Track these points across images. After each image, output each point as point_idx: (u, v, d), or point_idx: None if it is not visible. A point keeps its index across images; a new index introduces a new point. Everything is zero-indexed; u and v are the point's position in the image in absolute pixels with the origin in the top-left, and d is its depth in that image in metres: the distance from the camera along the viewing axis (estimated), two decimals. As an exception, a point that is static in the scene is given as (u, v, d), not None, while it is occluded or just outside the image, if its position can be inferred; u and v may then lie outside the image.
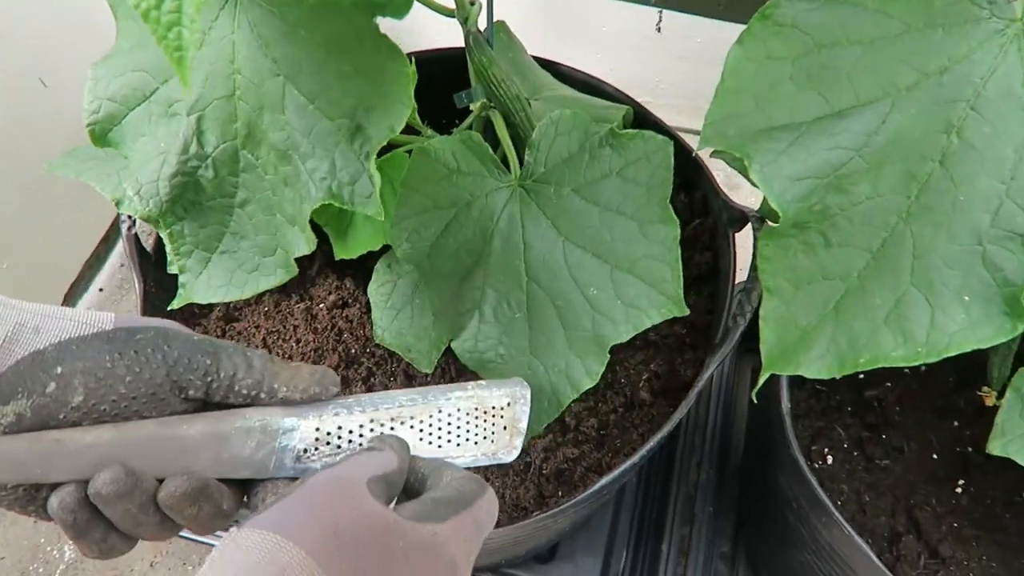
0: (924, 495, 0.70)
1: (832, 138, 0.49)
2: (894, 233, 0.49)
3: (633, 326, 0.59)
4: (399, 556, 0.35)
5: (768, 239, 0.52)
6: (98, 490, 0.37)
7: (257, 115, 0.55)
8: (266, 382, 0.41)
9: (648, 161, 0.60)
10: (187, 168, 0.56)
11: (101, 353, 0.38)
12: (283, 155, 0.55)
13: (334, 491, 0.36)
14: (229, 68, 0.54)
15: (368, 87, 0.52)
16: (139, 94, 0.57)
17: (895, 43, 0.47)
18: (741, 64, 0.51)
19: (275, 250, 0.57)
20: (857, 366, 0.49)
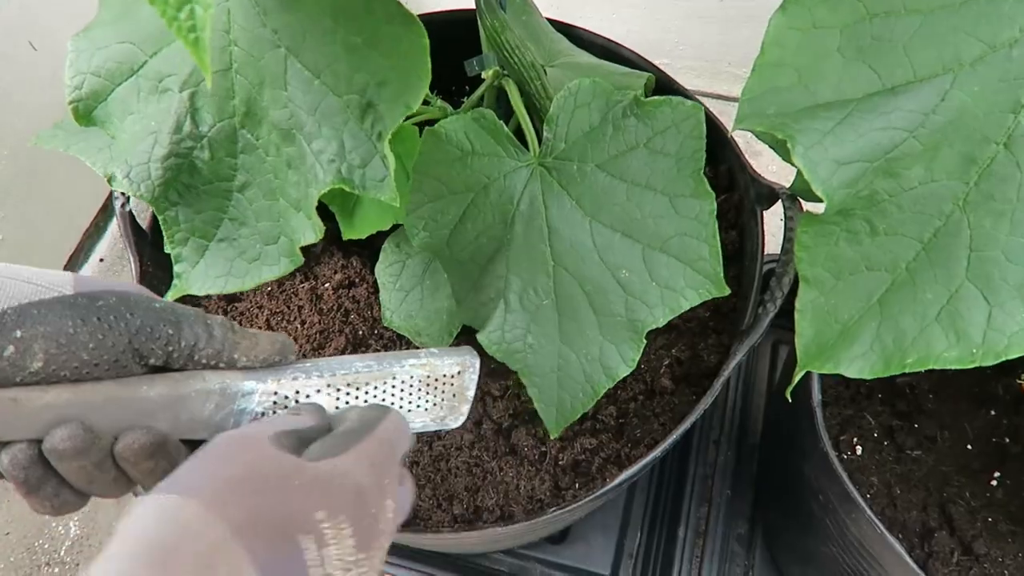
0: (958, 488, 0.67)
1: (884, 117, 0.44)
2: (949, 222, 0.45)
3: (670, 309, 0.56)
4: (298, 493, 0.36)
5: (807, 226, 0.48)
6: (54, 446, 0.37)
7: (257, 91, 0.50)
8: (226, 352, 0.42)
9: (677, 130, 0.56)
10: (181, 149, 0.52)
11: (63, 319, 0.37)
12: (286, 135, 0.51)
13: (234, 446, 0.37)
14: (225, 39, 0.49)
15: (380, 60, 0.47)
16: (126, 68, 0.53)
17: (959, 11, 0.42)
18: (784, 34, 0.46)
19: (278, 238, 0.53)
20: (904, 367, 0.46)
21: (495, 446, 0.68)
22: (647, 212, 0.56)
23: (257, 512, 0.35)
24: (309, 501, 0.36)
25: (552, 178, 0.58)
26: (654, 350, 0.70)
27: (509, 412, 0.68)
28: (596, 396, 0.58)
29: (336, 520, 0.37)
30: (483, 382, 0.70)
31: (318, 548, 0.36)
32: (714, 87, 1.25)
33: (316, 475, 0.37)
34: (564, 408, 0.59)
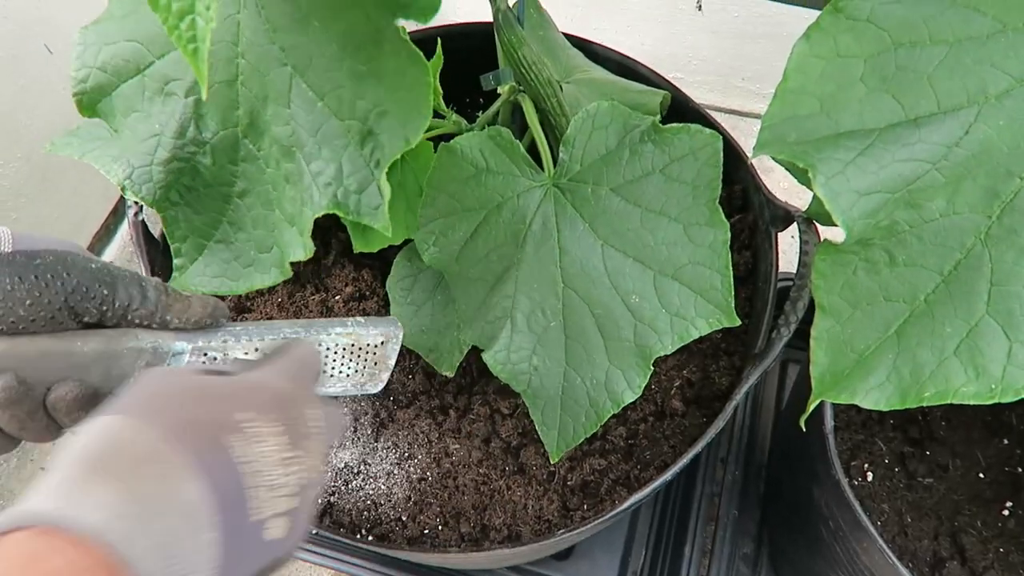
0: (969, 517, 0.67)
1: (907, 148, 0.44)
2: (970, 255, 0.44)
3: (679, 337, 0.55)
4: (219, 400, 0.39)
5: (825, 254, 0.48)
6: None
7: (261, 105, 0.50)
8: (159, 312, 0.44)
9: (695, 158, 0.56)
10: (184, 154, 0.52)
11: (1, 276, 0.39)
12: (286, 151, 0.51)
13: (162, 374, 0.41)
14: (232, 51, 0.49)
15: (384, 91, 0.47)
16: (132, 66, 0.53)
17: (987, 44, 0.42)
18: (807, 62, 0.46)
19: (271, 248, 0.54)
20: (922, 400, 0.45)
21: (503, 464, 0.67)
22: (660, 239, 0.55)
23: (184, 419, 0.37)
24: (230, 405, 0.39)
25: (566, 200, 0.58)
26: (665, 371, 0.70)
27: (518, 431, 0.68)
28: (600, 421, 0.58)
29: (264, 418, 0.40)
30: (492, 400, 0.69)
31: (245, 445, 0.38)
32: (727, 102, 1.24)
33: (235, 384, 0.41)
34: (566, 432, 0.59)
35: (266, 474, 0.39)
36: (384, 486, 0.67)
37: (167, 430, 0.36)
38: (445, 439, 0.68)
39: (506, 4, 0.65)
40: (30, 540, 0.30)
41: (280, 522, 0.40)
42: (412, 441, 0.68)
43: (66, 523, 0.31)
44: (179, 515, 0.35)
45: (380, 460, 0.68)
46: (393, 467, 0.68)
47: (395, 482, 0.67)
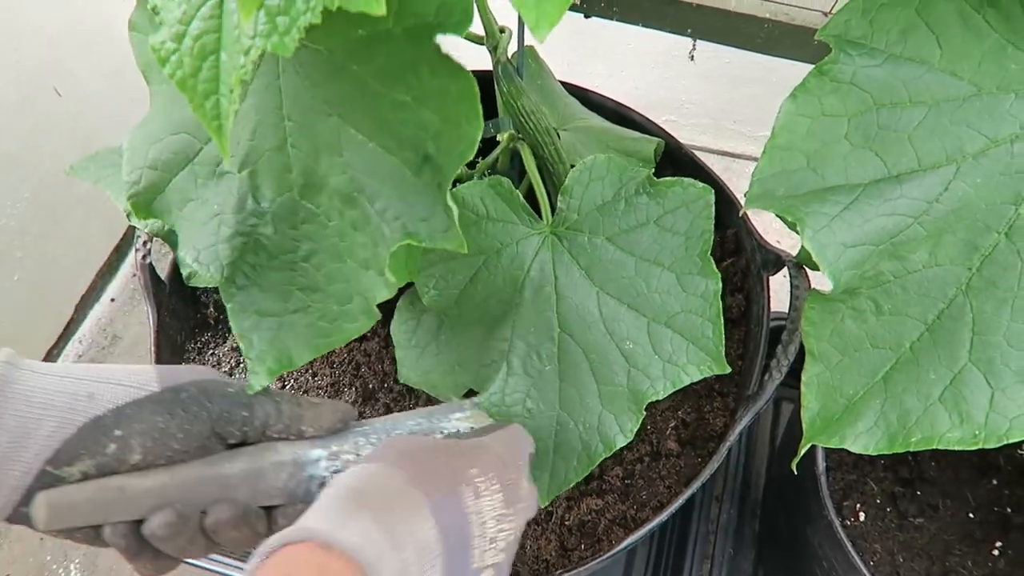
0: (960, 557, 0.68)
1: (890, 203, 0.46)
2: (952, 305, 0.46)
3: (671, 383, 0.57)
4: (455, 457, 0.46)
5: (814, 302, 0.50)
6: (153, 531, 0.42)
7: (313, 161, 0.51)
8: (294, 425, 0.47)
9: (687, 210, 0.58)
10: (245, 227, 0.52)
11: (154, 415, 0.43)
12: (347, 198, 0.51)
13: (401, 439, 0.48)
14: (277, 116, 0.50)
15: (430, 114, 0.47)
16: (181, 158, 0.53)
17: (963, 106, 0.44)
18: (794, 120, 0.48)
19: (352, 298, 0.52)
20: (909, 445, 0.47)
21: (501, 504, 0.68)
22: (654, 287, 0.57)
23: (427, 470, 0.44)
24: (464, 461, 0.46)
25: (563, 247, 0.60)
26: (660, 412, 0.71)
27: (516, 470, 0.69)
28: (591, 465, 0.59)
29: (486, 477, 0.46)
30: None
31: (474, 497, 0.44)
32: (719, 144, 1.27)
33: (468, 445, 0.48)
34: (557, 476, 0.59)
35: (487, 526, 0.45)
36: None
37: (414, 475, 0.43)
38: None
39: (505, 56, 0.68)
40: (314, 550, 0.37)
41: (488, 573, 0.45)
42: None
43: (339, 543, 0.37)
44: (415, 549, 0.40)
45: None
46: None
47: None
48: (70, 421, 0.41)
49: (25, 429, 0.40)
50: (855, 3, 0.46)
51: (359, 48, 0.48)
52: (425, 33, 0.46)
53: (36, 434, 0.40)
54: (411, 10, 0.45)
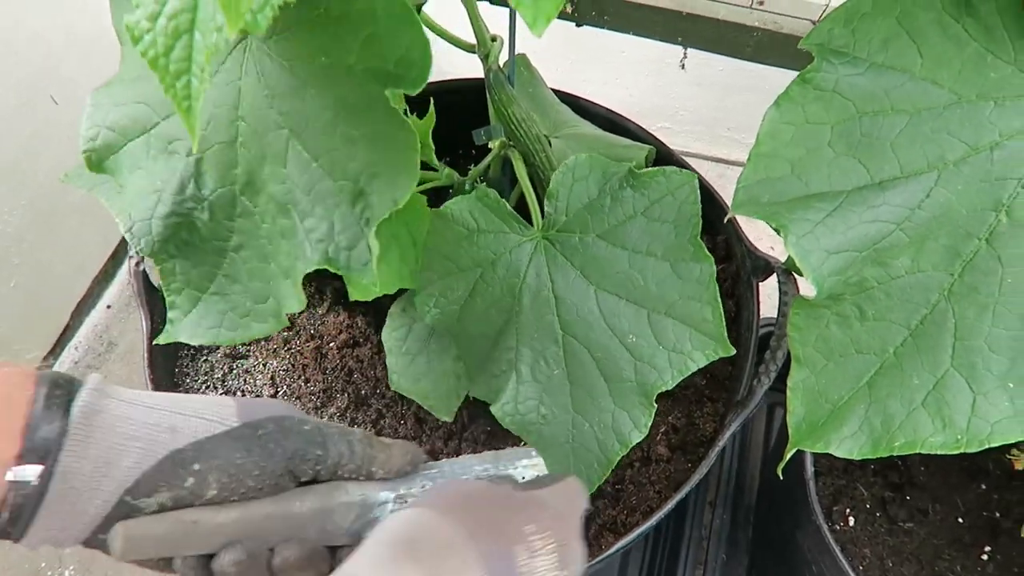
0: (949, 561, 0.68)
1: (873, 210, 0.47)
2: (935, 311, 0.47)
3: (678, 371, 0.57)
4: (511, 511, 0.45)
5: (799, 308, 0.50)
6: (223, 568, 0.43)
7: (258, 164, 0.53)
8: (364, 466, 0.47)
9: (673, 198, 0.58)
10: (183, 209, 0.55)
11: (232, 451, 0.43)
12: (282, 208, 0.53)
13: (456, 482, 0.48)
14: (233, 114, 0.52)
15: (375, 154, 0.49)
16: (139, 126, 0.55)
17: (944, 114, 0.45)
18: (777, 128, 0.49)
19: (267, 299, 0.56)
20: (892, 449, 0.47)
21: (493, 509, 0.68)
22: (650, 278, 0.57)
23: (480, 522, 0.43)
24: (521, 518, 0.44)
25: (556, 250, 0.60)
26: (651, 417, 0.71)
27: (507, 475, 0.69)
28: (610, 466, 0.59)
29: (543, 535, 0.44)
30: (481, 444, 0.71)
31: (528, 557, 0.43)
32: (713, 151, 1.28)
33: (525, 499, 0.46)
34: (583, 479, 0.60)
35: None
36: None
37: (466, 528, 0.41)
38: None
39: (497, 65, 0.68)
40: None
41: None
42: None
43: None
44: None
45: (372, 505, 0.69)
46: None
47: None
48: (152, 453, 0.41)
49: (108, 459, 0.40)
50: (838, 13, 0.47)
51: (321, 74, 0.49)
52: (383, 79, 0.47)
53: (119, 465, 0.41)
54: (374, 51, 0.47)
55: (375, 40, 0.48)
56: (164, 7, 0.42)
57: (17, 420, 0.39)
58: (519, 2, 0.39)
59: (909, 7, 0.45)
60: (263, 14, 0.40)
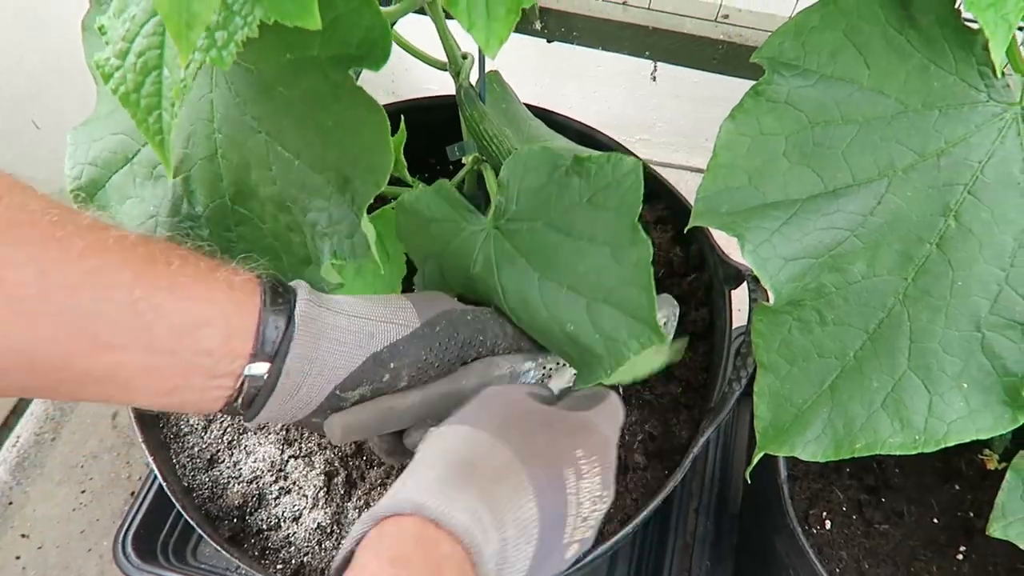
0: (925, 562, 0.69)
1: (827, 217, 0.48)
2: (891, 314, 0.48)
3: (615, 360, 0.56)
4: (561, 434, 0.48)
5: (762, 315, 0.51)
6: (414, 443, 0.52)
7: (244, 173, 0.54)
8: (515, 344, 0.57)
9: (618, 186, 0.57)
10: (181, 229, 0.56)
11: (419, 350, 0.51)
12: (281, 206, 0.54)
13: (502, 396, 0.51)
14: (209, 128, 0.53)
15: (350, 139, 0.50)
16: (120, 157, 0.56)
17: (892, 123, 0.46)
18: (733, 139, 0.50)
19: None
20: (854, 451, 0.48)
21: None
22: (590, 265, 0.57)
23: (532, 445, 0.46)
24: (570, 441, 0.48)
25: (504, 239, 0.60)
26: (627, 425, 0.72)
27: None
28: None
29: (590, 459, 0.48)
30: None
31: (576, 479, 0.47)
32: (692, 161, 1.29)
33: (573, 422, 0.50)
34: None
35: (583, 506, 0.47)
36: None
37: (519, 451, 0.45)
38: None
39: (468, 82, 0.69)
40: (424, 526, 0.39)
41: (574, 547, 0.49)
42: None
43: (446, 520, 0.39)
44: (517, 527, 0.43)
45: (353, 520, 0.70)
46: (365, 526, 0.69)
47: (367, 541, 0.69)
48: (356, 356, 0.49)
49: (324, 361, 0.47)
50: (788, 27, 0.48)
51: (287, 71, 0.50)
52: (347, 63, 0.48)
53: (332, 365, 0.48)
54: (336, 38, 0.47)
55: (336, 26, 0.48)
56: (132, 44, 0.43)
57: (250, 320, 0.45)
58: (471, 25, 0.40)
59: (855, 20, 0.46)
60: (227, 50, 0.41)
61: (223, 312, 0.44)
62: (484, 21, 0.40)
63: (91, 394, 0.43)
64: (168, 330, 0.42)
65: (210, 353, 0.44)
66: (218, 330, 0.44)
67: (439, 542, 0.39)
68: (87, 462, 1.10)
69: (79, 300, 0.39)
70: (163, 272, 0.42)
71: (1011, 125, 0.44)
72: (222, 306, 0.44)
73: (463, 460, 0.44)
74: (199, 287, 0.44)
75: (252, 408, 0.47)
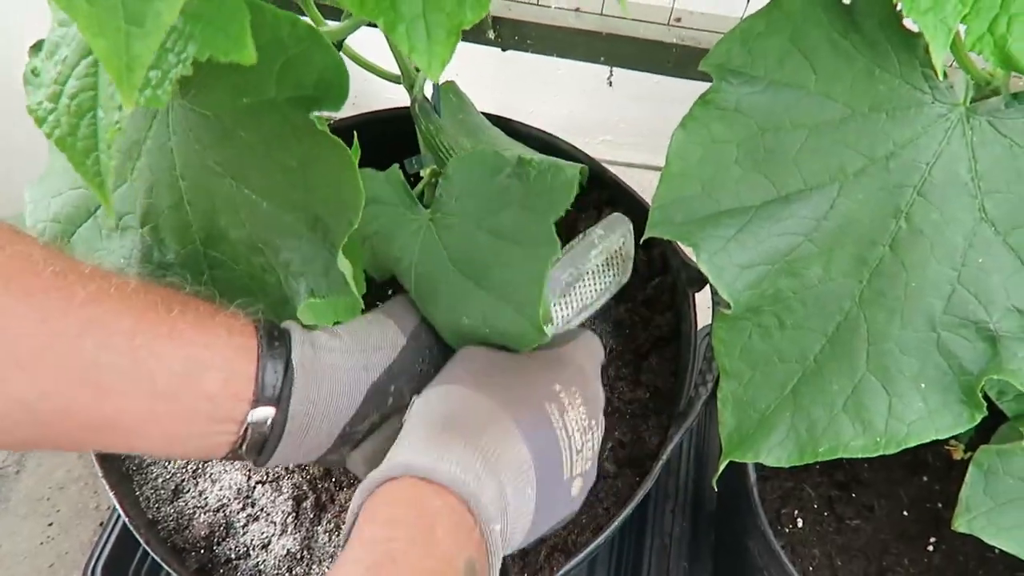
0: (896, 555, 0.69)
1: (781, 223, 0.48)
2: (848, 317, 0.48)
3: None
4: (536, 372, 0.51)
5: (722, 321, 0.51)
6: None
7: (212, 217, 0.52)
8: None
9: (551, 192, 0.56)
10: (154, 276, 0.54)
11: (412, 365, 0.53)
12: (253, 247, 0.53)
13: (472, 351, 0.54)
14: (172, 176, 0.52)
15: (316, 179, 0.49)
16: (83, 211, 0.55)
17: (840, 127, 0.46)
18: (685, 148, 0.50)
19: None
20: (817, 455, 0.48)
21: (445, 538, 0.68)
22: (504, 261, 0.56)
23: (511, 391, 0.48)
24: (546, 376, 0.50)
25: (435, 231, 0.60)
26: (597, 433, 0.72)
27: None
28: None
29: (569, 390, 0.50)
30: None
31: (560, 413, 0.48)
32: (655, 160, 1.29)
33: (545, 359, 0.52)
34: None
35: (574, 439, 0.49)
36: (329, 570, 0.67)
37: (500, 399, 0.47)
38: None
39: (422, 95, 0.69)
40: (415, 485, 0.41)
41: (578, 481, 0.50)
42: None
43: (436, 476, 0.41)
44: (512, 470, 0.44)
45: (323, 544, 0.69)
46: (336, 550, 0.68)
47: (339, 564, 0.68)
48: (357, 391, 0.49)
49: (328, 403, 0.48)
50: (734, 34, 0.48)
51: (245, 116, 0.49)
52: (306, 105, 0.47)
53: (336, 406, 0.48)
54: (291, 80, 0.47)
55: (290, 68, 0.48)
56: (65, 87, 0.42)
57: (249, 365, 0.45)
58: (412, 49, 0.39)
59: (800, 25, 0.46)
60: (162, 89, 0.40)
61: (223, 357, 0.45)
62: (425, 44, 0.39)
63: (95, 443, 0.44)
64: (169, 376, 0.42)
65: (211, 398, 0.44)
66: (219, 375, 0.44)
67: (431, 497, 0.41)
68: (54, 494, 1.07)
69: (81, 349, 0.39)
70: (163, 318, 0.43)
71: (956, 126, 0.44)
72: (222, 351, 0.45)
73: (446, 417, 0.46)
74: (199, 333, 0.44)
75: (264, 454, 0.47)
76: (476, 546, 0.41)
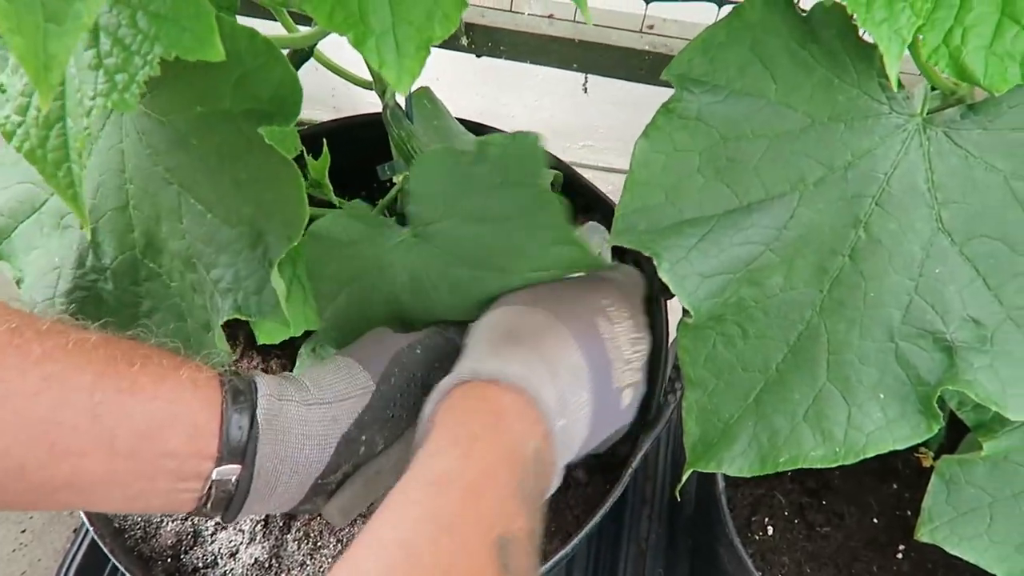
0: (866, 562, 0.69)
1: (743, 232, 0.48)
2: (809, 326, 0.48)
3: None
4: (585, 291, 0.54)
5: (686, 330, 0.51)
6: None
7: (155, 224, 0.52)
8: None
9: (521, 161, 0.54)
10: (84, 282, 0.53)
11: (383, 411, 0.50)
12: (187, 262, 0.52)
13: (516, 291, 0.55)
14: (120, 178, 0.51)
15: (264, 194, 0.49)
16: (27, 207, 0.54)
17: (800, 137, 0.46)
18: (648, 156, 0.50)
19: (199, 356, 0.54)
20: (778, 465, 0.48)
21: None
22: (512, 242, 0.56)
23: (563, 305, 0.51)
24: (595, 295, 0.53)
25: (425, 244, 0.58)
26: (569, 441, 0.72)
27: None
28: None
29: (617, 307, 0.53)
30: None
31: (609, 325, 0.52)
32: (636, 166, 1.30)
33: (594, 279, 0.56)
34: None
35: (622, 349, 0.52)
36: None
37: (553, 312, 0.50)
38: (356, 525, 0.69)
39: (394, 101, 0.68)
40: (483, 387, 0.44)
41: (629, 392, 0.53)
42: (323, 530, 0.69)
43: (504, 376, 0.44)
44: (569, 373, 0.48)
45: (292, 553, 0.68)
46: (306, 558, 0.68)
47: (308, 574, 0.67)
48: (327, 444, 0.48)
49: (295, 458, 0.47)
50: (696, 43, 0.48)
51: (199, 124, 0.49)
52: (259, 119, 0.47)
53: (304, 460, 0.47)
54: (247, 93, 0.47)
55: (246, 81, 0.48)
56: (32, 98, 0.41)
57: (213, 421, 0.44)
58: (382, 64, 0.39)
59: (760, 35, 0.46)
60: (130, 92, 0.40)
61: (188, 411, 0.43)
62: (394, 58, 0.39)
63: (51, 503, 0.42)
64: (130, 433, 0.41)
65: (174, 455, 0.43)
66: (182, 431, 0.43)
67: (500, 394, 0.44)
68: (26, 500, 1.06)
69: (36, 408, 0.38)
70: (124, 373, 0.42)
71: (913, 136, 0.44)
72: (187, 405, 0.43)
73: (507, 330, 0.49)
74: (162, 387, 0.43)
75: (230, 510, 0.46)
76: (543, 436, 0.45)
